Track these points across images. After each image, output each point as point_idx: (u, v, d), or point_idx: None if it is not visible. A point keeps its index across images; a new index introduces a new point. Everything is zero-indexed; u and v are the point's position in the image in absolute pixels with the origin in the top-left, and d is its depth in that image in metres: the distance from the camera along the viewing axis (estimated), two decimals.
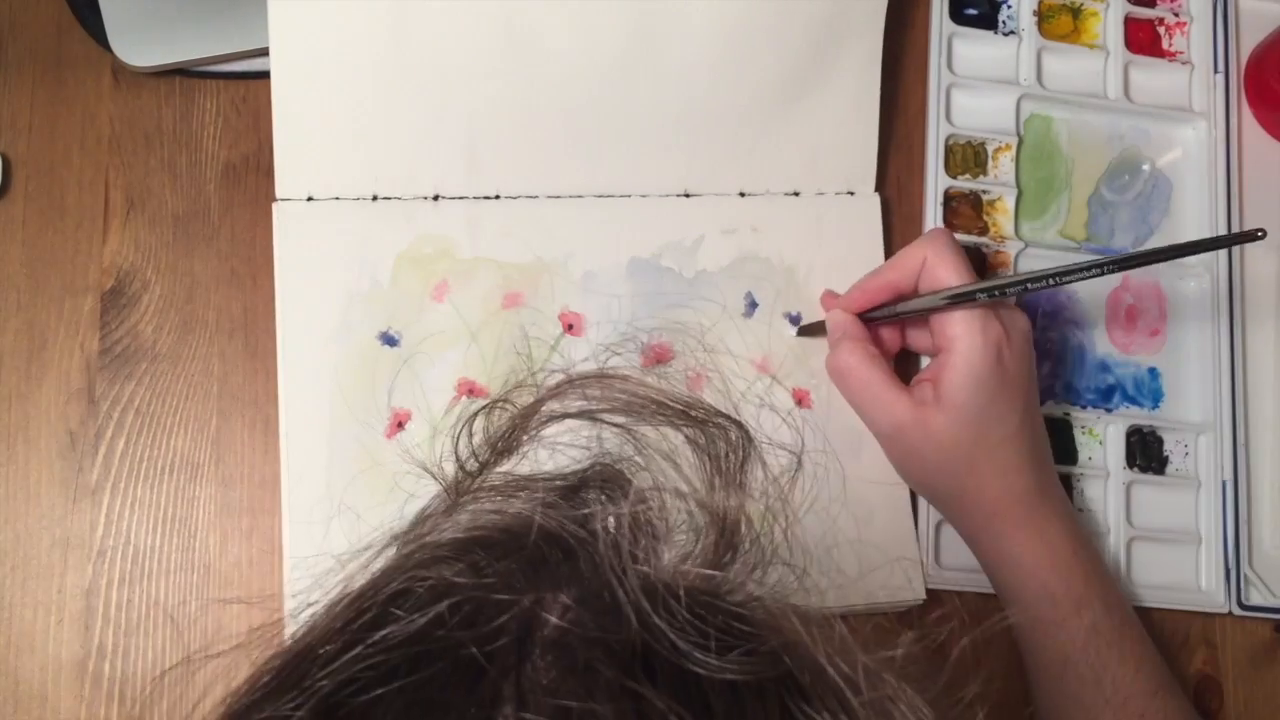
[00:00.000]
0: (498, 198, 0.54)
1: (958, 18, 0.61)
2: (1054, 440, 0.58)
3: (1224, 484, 0.58)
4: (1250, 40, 0.63)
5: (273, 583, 0.50)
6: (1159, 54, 0.63)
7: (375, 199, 0.53)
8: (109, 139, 0.53)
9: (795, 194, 0.57)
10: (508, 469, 0.32)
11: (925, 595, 0.54)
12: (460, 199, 0.53)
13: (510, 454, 0.33)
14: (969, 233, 0.59)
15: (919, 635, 0.27)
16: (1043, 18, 0.62)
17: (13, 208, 0.52)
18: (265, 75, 0.51)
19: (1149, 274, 0.61)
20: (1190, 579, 0.58)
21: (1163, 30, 0.64)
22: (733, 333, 0.55)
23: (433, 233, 0.53)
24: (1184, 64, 0.63)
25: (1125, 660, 0.49)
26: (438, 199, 0.53)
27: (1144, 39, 0.63)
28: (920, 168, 0.59)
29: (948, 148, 0.60)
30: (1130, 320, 0.61)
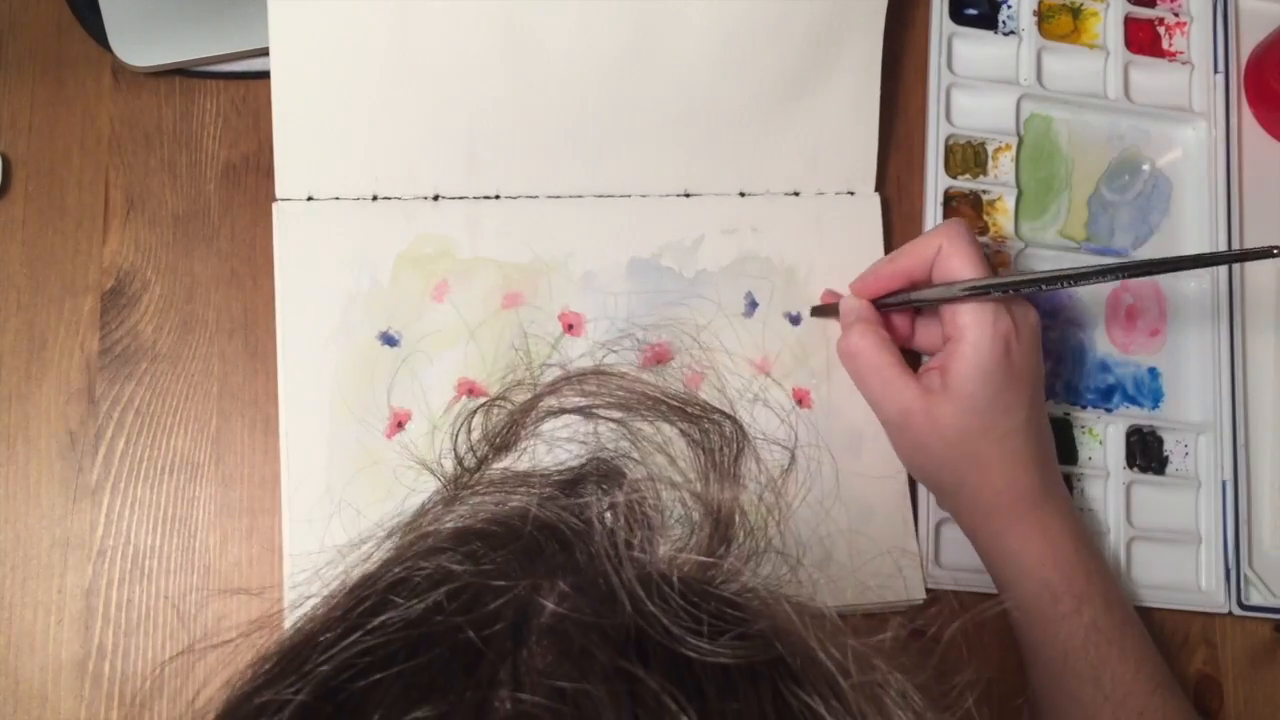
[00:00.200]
0: (498, 198, 0.54)
1: (958, 18, 0.61)
2: (1054, 440, 0.58)
3: (1224, 484, 0.58)
4: (1250, 40, 0.63)
5: (273, 581, 0.50)
6: (1159, 54, 0.63)
7: (375, 199, 0.53)
8: (109, 139, 0.53)
9: (795, 194, 0.57)
10: (506, 465, 0.33)
11: (925, 595, 0.54)
12: (460, 199, 0.53)
13: (509, 450, 0.33)
14: None
15: (906, 620, 0.27)
16: (1043, 18, 0.62)
17: (13, 208, 0.52)
18: (265, 75, 0.51)
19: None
20: (1190, 579, 0.58)
21: (1163, 30, 0.64)
22: (732, 332, 0.55)
23: (433, 233, 0.53)
24: (1184, 64, 0.63)
25: (1125, 658, 0.49)
26: (438, 199, 0.53)
27: (1144, 39, 0.63)
28: (920, 168, 0.59)
29: (948, 148, 0.60)
30: (1130, 320, 0.61)
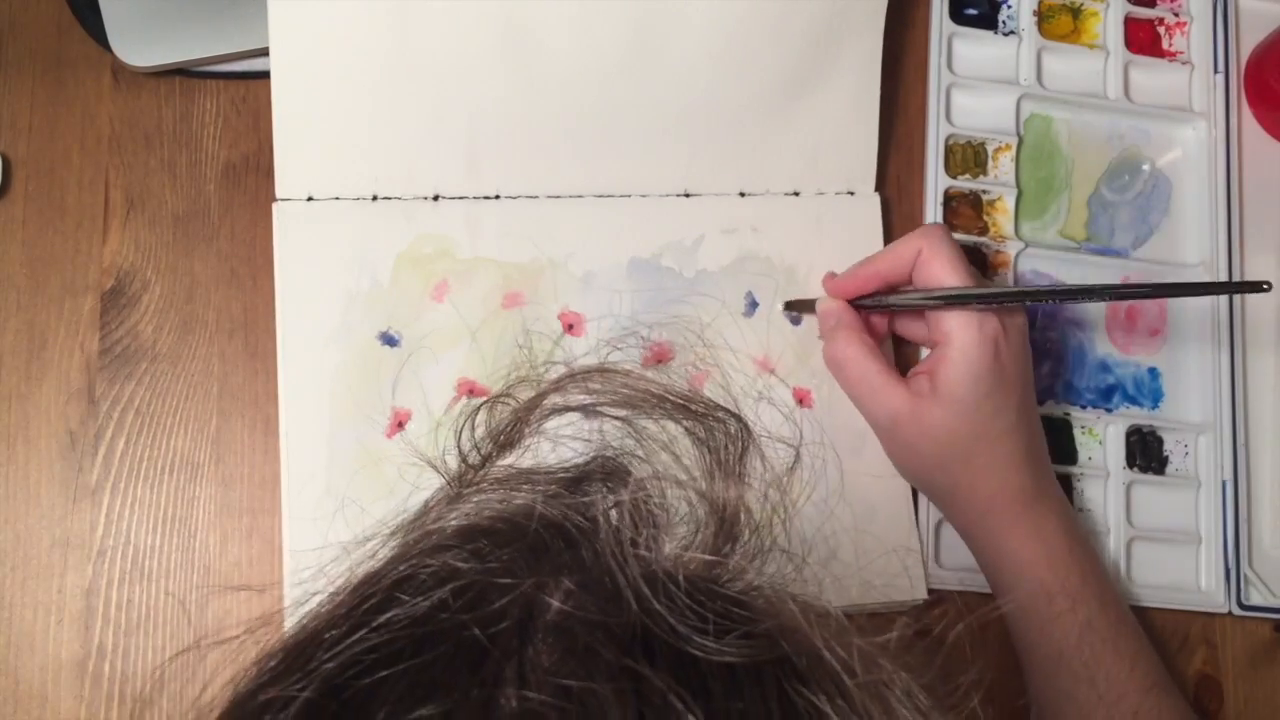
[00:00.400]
0: (498, 197, 0.54)
1: (958, 18, 0.61)
2: (1054, 440, 0.58)
3: (1224, 484, 0.58)
4: (1250, 40, 0.63)
5: (273, 582, 0.50)
6: (1159, 54, 0.63)
7: (375, 199, 0.53)
8: (109, 139, 0.53)
9: (795, 194, 0.57)
10: (510, 462, 0.32)
11: (926, 594, 0.54)
12: (460, 199, 0.53)
13: (512, 447, 0.33)
14: (969, 233, 0.59)
15: (911, 620, 0.27)
16: (1043, 18, 0.62)
17: (13, 208, 0.52)
18: (265, 75, 0.51)
19: (1149, 275, 0.61)
20: (1190, 579, 0.58)
21: (1163, 30, 0.64)
22: (733, 332, 0.55)
23: (433, 232, 0.53)
24: (1184, 64, 0.63)
25: (1120, 657, 0.49)
26: (438, 199, 0.53)
27: (1144, 39, 0.63)
28: (920, 168, 0.59)
29: (948, 148, 0.60)
30: (1130, 320, 0.61)
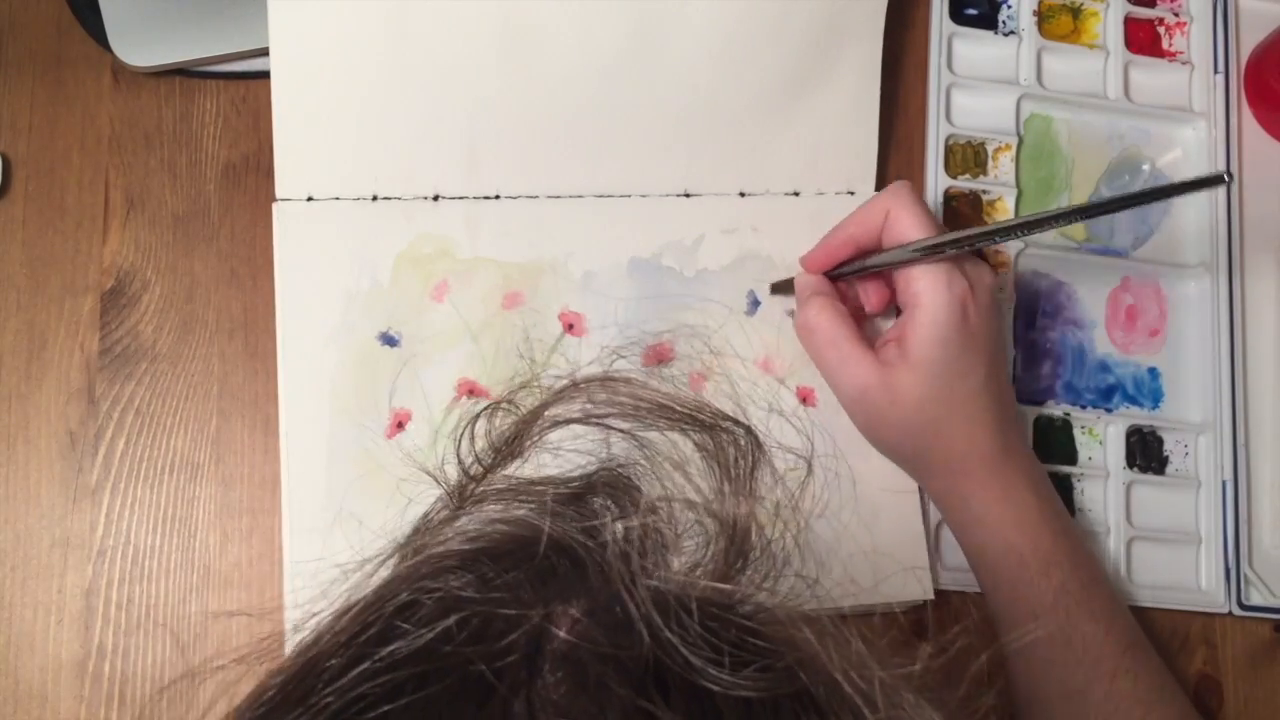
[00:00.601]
0: (497, 198, 0.54)
1: (958, 18, 0.61)
2: (1054, 440, 0.58)
3: (1224, 484, 0.58)
4: (1250, 40, 0.63)
5: (273, 583, 0.50)
6: (1159, 54, 0.63)
7: (375, 199, 0.53)
8: (109, 139, 0.53)
9: (795, 194, 0.57)
10: (511, 472, 0.32)
11: (933, 594, 0.54)
12: (460, 199, 0.53)
13: (514, 458, 0.32)
14: None
15: (937, 650, 0.26)
16: (1043, 18, 0.62)
17: (13, 208, 0.52)
18: (265, 75, 0.51)
19: (1149, 275, 0.61)
20: (1190, 579, 0.58)
21: (1163, 30, 0.64)
22: (735, 331, 0.55)
23: (432, 232, 0.53)
24: (1184, 64, 0.63)
25: (1095, 619, 0.49)
26: (437, 199, 0.53)
27: (1144, 39, 0.63)
28: (920, 168, 0.59)
29: (948, 148, 0.60)
30: (1130, 320, 0.61)
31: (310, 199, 0.52)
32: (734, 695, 0.23)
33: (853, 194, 0.57)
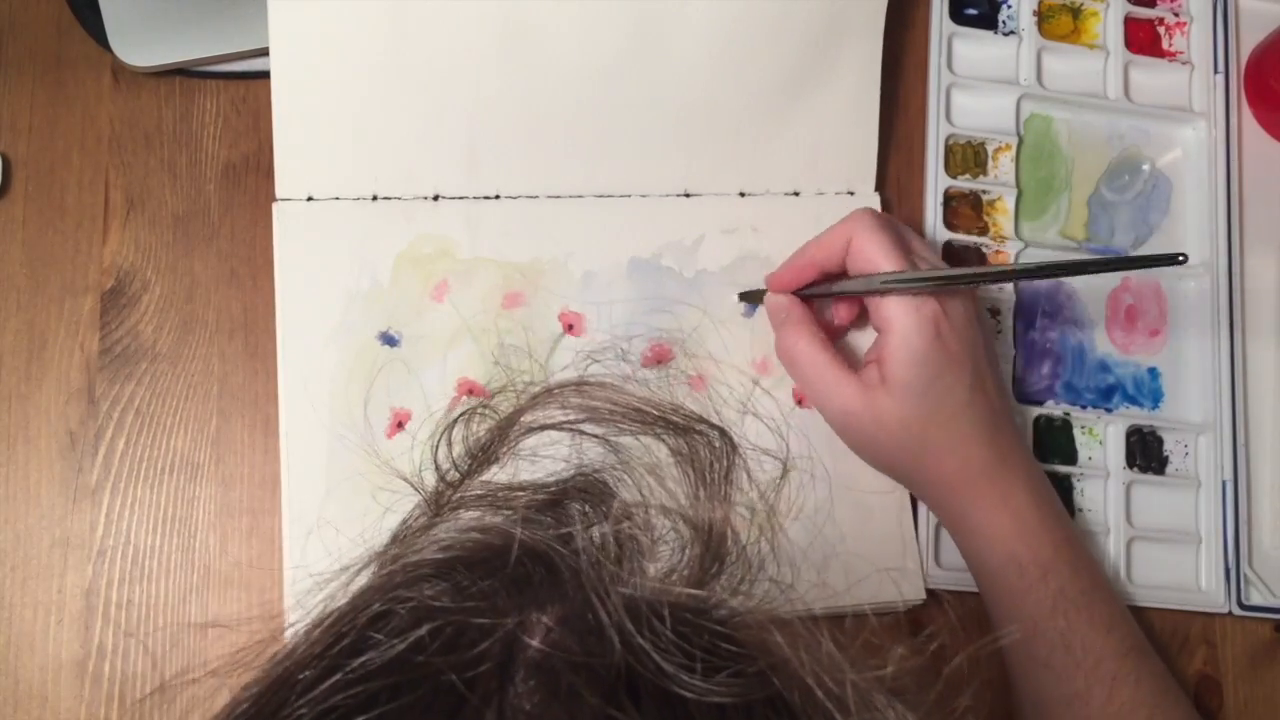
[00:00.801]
0: (497, 198, 0.54)
1: (958, 18, 0.61)
2: (1054, 440, 0.58)
3: (1224, 484, 0.58)
4: (1250, 40, 0.63)
5: (273, 583, 0.50)
6: (1159, 54, 0.63)
7: (375, 199, 0.53)
8: (109, 139, 0.53)
9: (795, 194, 0.57)
10: (488, 478, 0.32)
11: (924, 595, 0.54)
12: (460, 199, 0.53)
13: (490, 464, 0.32)
14: (969, 233, 0.59)
15: (909, 652, 0.26)
16: (1043, 18, 0.62)
17: (13, 208, 0.52)
18: (265, 75, 0.51)
19: (1149, 274, 0.61)
20: (1190, 579, 0.58)
21: (1163, 30, 0.64)
22: (734, 332, 0.55)
23: (432, 232, 0.53)
24: (1184, 64, 0.63)
25: (1095, 623, 0.49)
26: (437, 199, 0.53)
27: (1144, 39, 0.63)
28: (920, 168, 0.59)
29: (948, 148, 0.60)
30: (1130, 320, 0.61)
31: (310, 199, 0.52)
32: (707, 702, 0.23)
33: (852, 194, 0.57)
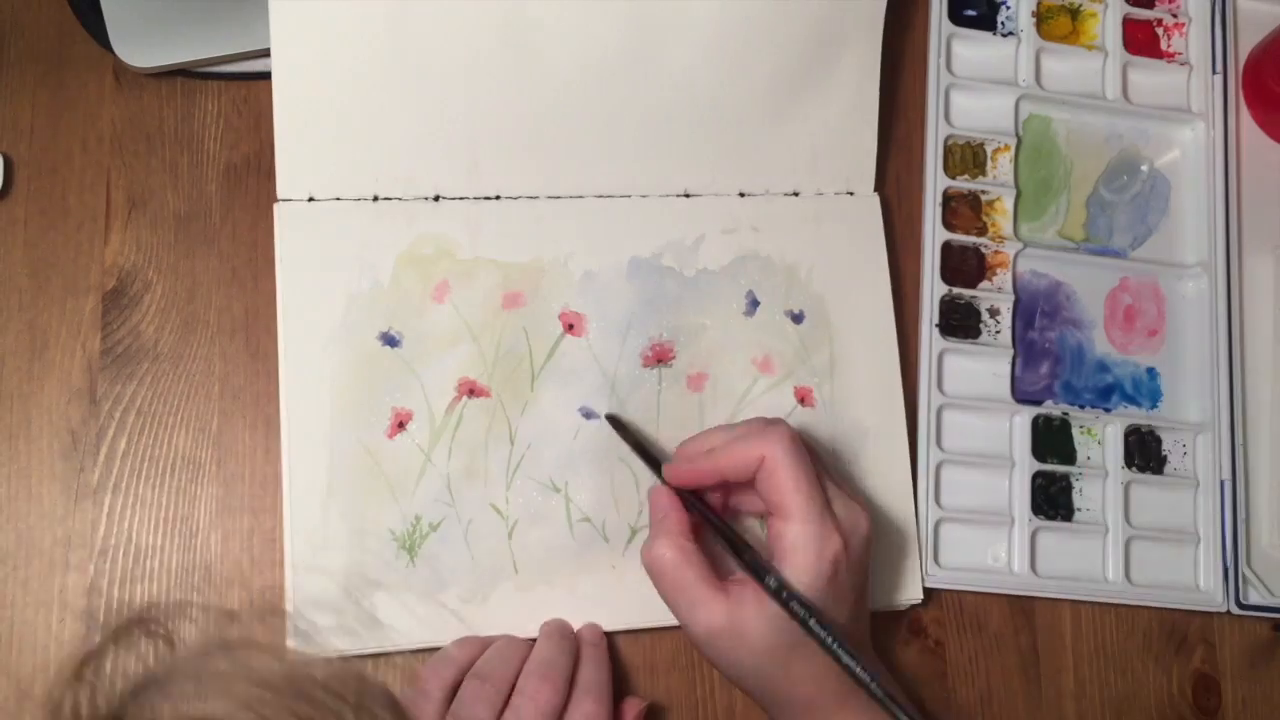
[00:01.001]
0: (498, 198, 0.54)
1: (957, 19, 0.61)
2: (1053, 440, 0.58)
3: (1222, 483, 0.59)
4: (1248, 41, 0.64)
5: (273, 583, 0.50)
6: (1157, 55, 0.64)
7: (376, 199, 0.53)
8: (110, 140, 0.53)
9: (795, 194, 0.57)
10: None
11: (922, 595, 0.55)
12: (460, 199, 0.53)
13: None
14: (968, 233, 0.59)
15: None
16: (1041, 19, 0.62)
17: (15, 208, 0.52)
18: (266, 76, 0.51)
19: (1148, 275, 0.61)
20: (1189, 578, 0.58)
21: (1161, 31, 0.64)
22: (734, 331, 0.55)
23: (433, 233, 0.53)
24: (1182, 65, 0.63)
25: None
26: (438, 199, 0.53)
27: (1142, 40, 0.64)
28: (919, 168, 0.60)
29: (947, 148, 0.60)
30: (1129, 320, 0.61)
31: (311, 199, 0.52)
32: None
33: (852, 194, 0.57)
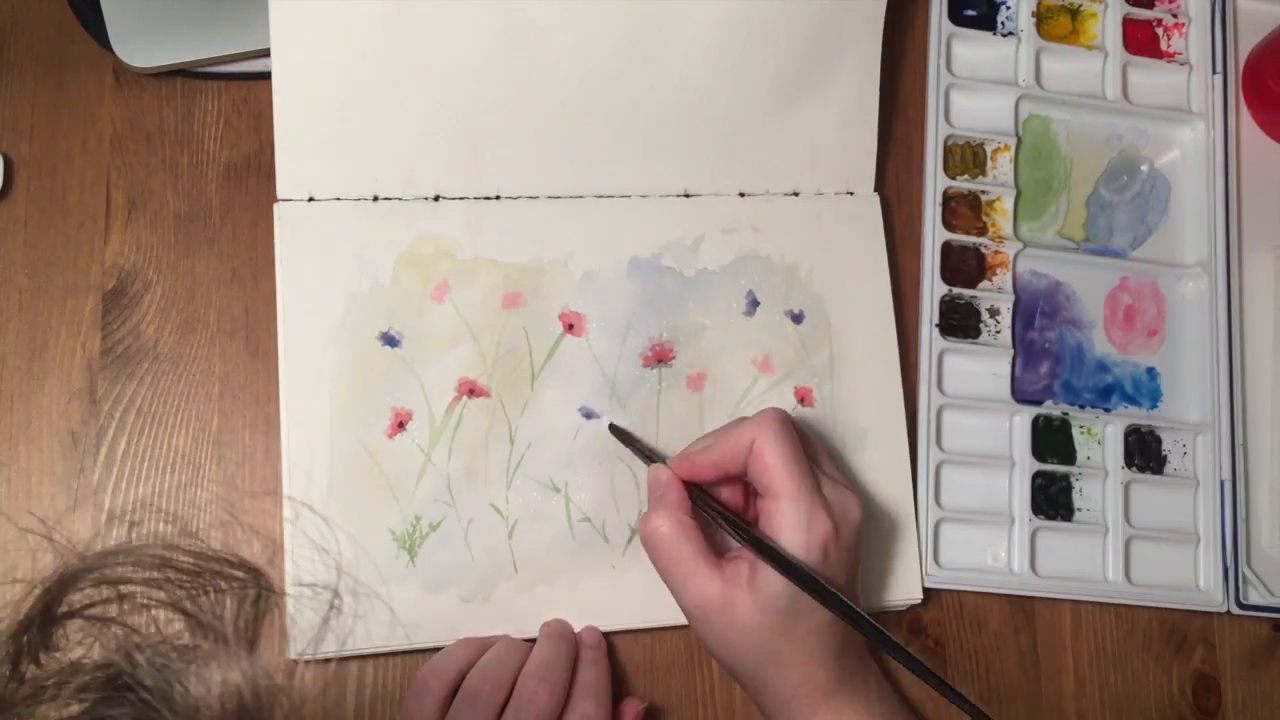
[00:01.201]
0: (498, 198, 0.54)
1: (957, 19, 0.61)
2: (1052, 440, 0.58)
3: (1222, 483, 0.59)
4: (1248, 41, 0.64)
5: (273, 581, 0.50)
6: (1157, 55, 0.64)
7: (376, 199, 0.53)
8: (110, 140, 0.53)
9: (795, 194, 0.57)
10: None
11: (921, 595, 0.55)
12: (460, 199, 0.53)
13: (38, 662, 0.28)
14: (968, 233, 0.59)
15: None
16: (1041, 19, 0.62)
17: (15, 208, 0.52)
18: (266, 76, 0.51)
19: (1147, 275, 0.61)
20: (1189, 578, 0.58)
21: (1161, 31, 0.64)
22: (734, 331, 0.55)
23: (433, 233, 0.53)
24: (1182, 65, 0.63)
25: None
26: (438, 199, 0.53)
27: (1142, 40, 0.64)
28: (919, 168, 0.60)
29: (947, 148, 0.60)
30: (1129, 320, 0.61)
31: (311, 199, 0.52)
32: None
33: (852, 194, 0.57)
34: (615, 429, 0.53)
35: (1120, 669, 0.57)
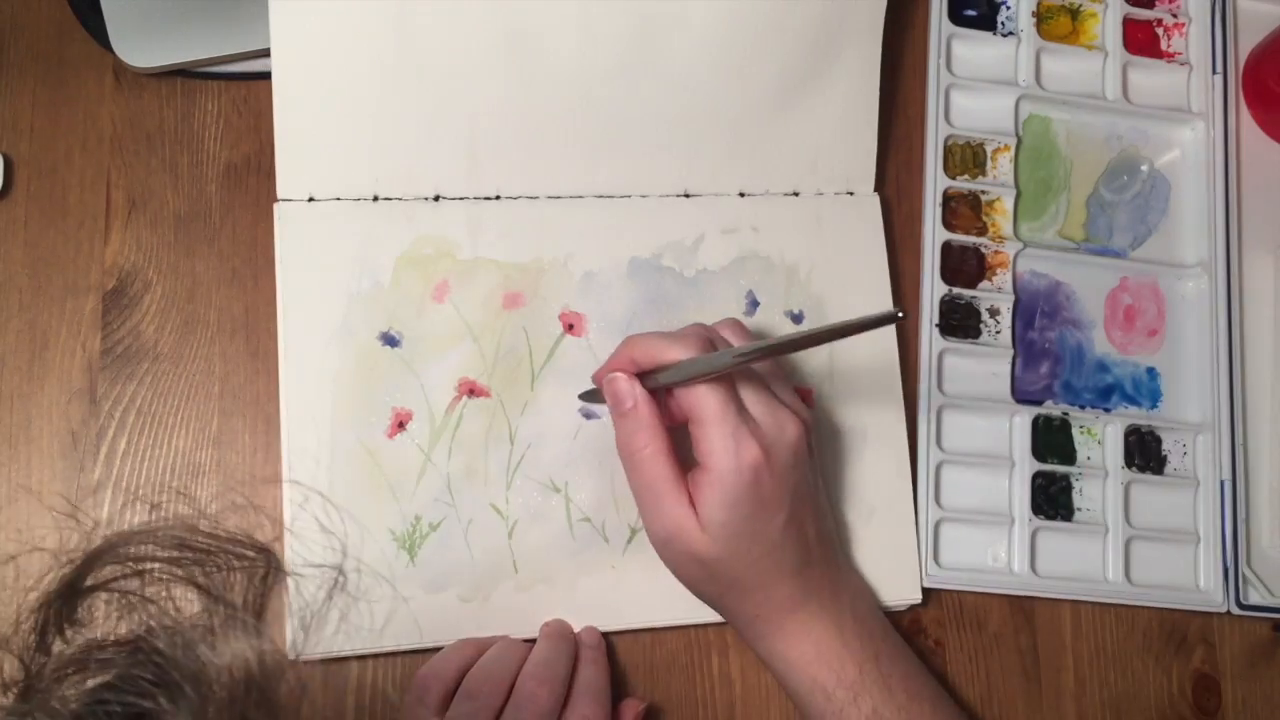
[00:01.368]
0: (498, 198, 0.54)
1: (957, 19, 0.61)
2: (1052, 440, 0.58)
3: (1222, 484, 0.59)
4: (1248, 41, 0.64)
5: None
6: (1157, 55, 0.64)
7: (376, 199, 0.53)
8: (110, 139, 0.53)
9: (795, 194, 0.57)
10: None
11: (921, 595, 0.55)
12: (461, 199, 0.53)
13: (64, 638, 0.29)
14: (968, 233, 0.59)
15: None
16: (1041, 19, 0.62)
17: (15, 208, 0.52)
18: (266, 76, 0.51)
19: (1147, 275, 0.61)
20: (1189, 578, 0.58)
21: (1161, 31, 0.64)
22: None
23: (433, 233, 0.53)
24: (1182, 65, 0.63)
25: None
26: (438, 199, 0.53)
27: (1142, 40, 0.64)
28: (919, 168, 0.60)
29: (947, 148, 0.60)
30: (1129, 320, 0.61)
31: (311, 199, 0.52)
32: None
33: (852, 194, 0.57)
34: (583, 396, 0.52)
35: (1120, 669, 0.57)
